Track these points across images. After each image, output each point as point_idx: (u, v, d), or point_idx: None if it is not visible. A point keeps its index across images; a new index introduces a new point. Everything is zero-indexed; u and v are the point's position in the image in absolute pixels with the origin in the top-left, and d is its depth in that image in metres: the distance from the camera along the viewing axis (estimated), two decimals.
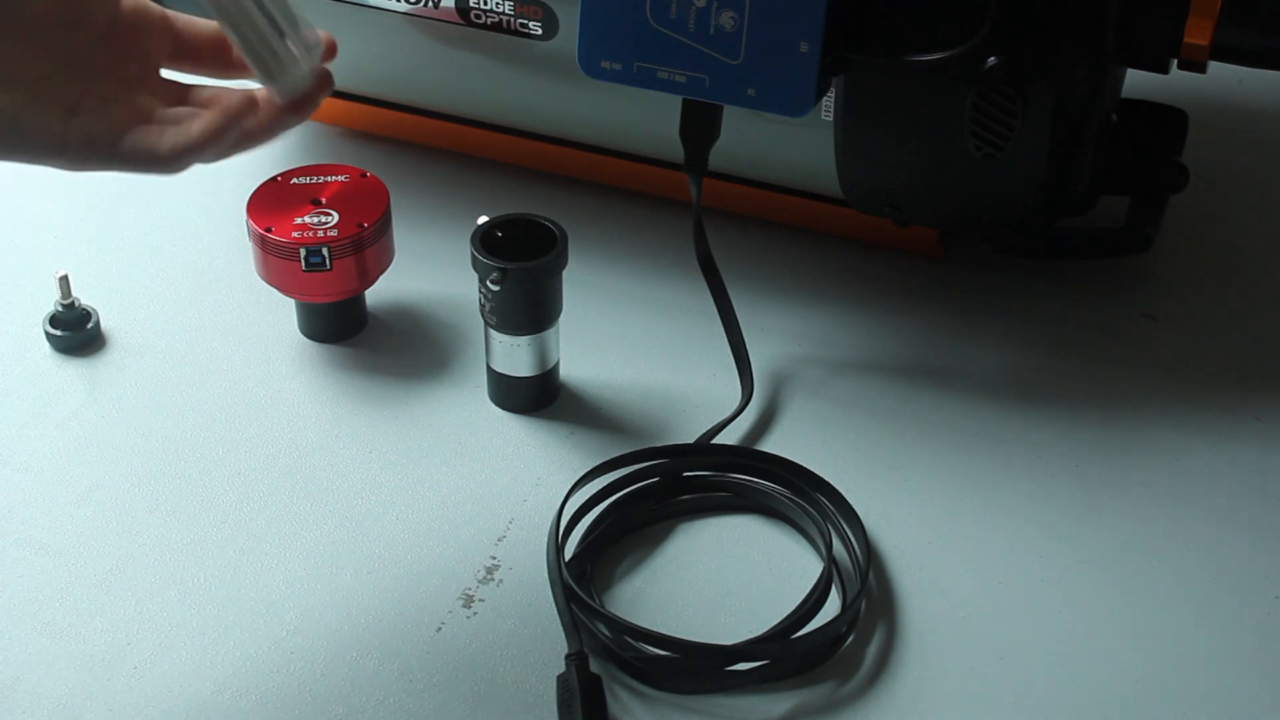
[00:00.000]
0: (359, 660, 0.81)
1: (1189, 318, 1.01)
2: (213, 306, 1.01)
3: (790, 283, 1.02)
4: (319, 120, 1.14)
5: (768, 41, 0.84)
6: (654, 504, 0.88)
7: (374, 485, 0.90)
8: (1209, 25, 0.89)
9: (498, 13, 0.97)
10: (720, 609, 0.83)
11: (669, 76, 0.87)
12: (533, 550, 0.85)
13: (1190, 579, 0.85)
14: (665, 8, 0.85)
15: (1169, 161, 1.00)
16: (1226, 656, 0.81)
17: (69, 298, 0.97)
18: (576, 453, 0.91)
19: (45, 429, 0.93)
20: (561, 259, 0.90)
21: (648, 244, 1.05)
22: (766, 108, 0.86)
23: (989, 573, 0.85)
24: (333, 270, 0.94)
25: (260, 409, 0.94)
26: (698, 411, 0.94)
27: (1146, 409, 0.94)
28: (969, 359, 0.98)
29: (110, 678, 0.80)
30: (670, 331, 0.99)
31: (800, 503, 0.87)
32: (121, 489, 0.89)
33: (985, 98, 0.86)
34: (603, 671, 0.80)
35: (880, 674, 0.80)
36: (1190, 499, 0.89)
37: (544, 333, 0.91)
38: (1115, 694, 0.80)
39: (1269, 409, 0.94)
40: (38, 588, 0.84)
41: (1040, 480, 0.90)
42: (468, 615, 0.83)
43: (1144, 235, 0.99)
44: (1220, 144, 1.13)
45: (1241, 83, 1.18)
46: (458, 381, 0.96)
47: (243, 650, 0.81)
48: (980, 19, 0.84)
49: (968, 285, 1.02)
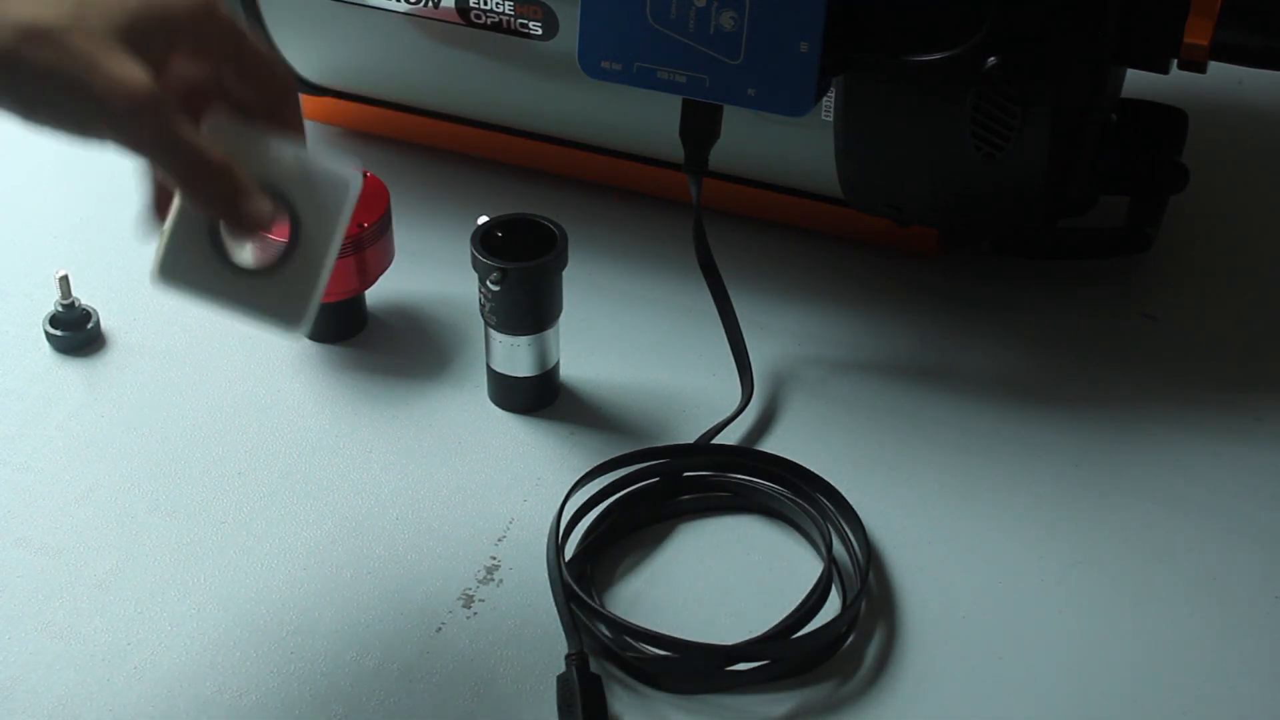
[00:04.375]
0: (359, 660, 0.81)
1: (1189, 318, 1.01)
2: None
3: (790, 283, 1.02)
4: (319, 120, 1.14)
5: (767, 41, 0.84)
6: (654, 504, 0.88)
7: (374, 485, 0.90)
8: (1209, 25, 0.89)
9: (498, 13, 0.97)
10: (720, 609, 0.83)
11: (669, 76, 0.87)
12: (533, 550, 0.85)
13: (1190, 579, 0.85)
14: (665, 8, 0.85)
15: (1169, 161, 1.00)
16: (1226, 656, 0.81)
17: (69, 298, 0.97)
18: (576, 453, 0.92)
19: (45, 429, 0.93)
20: (561, 259, 0.90)
21: (648, 244, 1.05)
22: (766, 108, 0.86)
23: (989, 573, 0.85)
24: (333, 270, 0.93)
25: (260, 409, 0.94)
26: (698, 411, 0.94)
27: (1146, 409, 0.94)
28: (969, 359, 0.98)
29: (110, 678, 0.80)
30: (670, 331, 0.99)
31: (800, 503, 0.87)
32: (121, 489, 0.89)
33: (985, 98, 0.86)
34: (603, 671, 0.80)
35: (880, 674, 0.80)
36: (1190, 499, 0.89)
37: (544, 333, 0.92)
38: (1115, 694, 0.80)
39: (1269, 409, 0.94)
40: (38, 588, 0.84)
41: (1040, 480, 0.90)
42: (468, 615, 0.83)
43: (1144, 235, 0.99)
44: (1220, 144, 1.13)
45: (1241, 83, 1.18)
46: (458, 381, 0.96)
47: (243, 650, 0.81)
48: (980, 19, 0.84)
49: (968, 285, 1.02)
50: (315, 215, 0.72)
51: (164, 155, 0.67)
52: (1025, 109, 0.86)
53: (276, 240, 0.72)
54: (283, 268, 0.72)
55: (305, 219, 0.72)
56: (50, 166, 1.14)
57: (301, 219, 0.72)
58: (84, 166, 1.14)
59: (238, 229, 0.69)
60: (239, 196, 0.68)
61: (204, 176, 0.68)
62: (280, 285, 0.72)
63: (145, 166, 0.71)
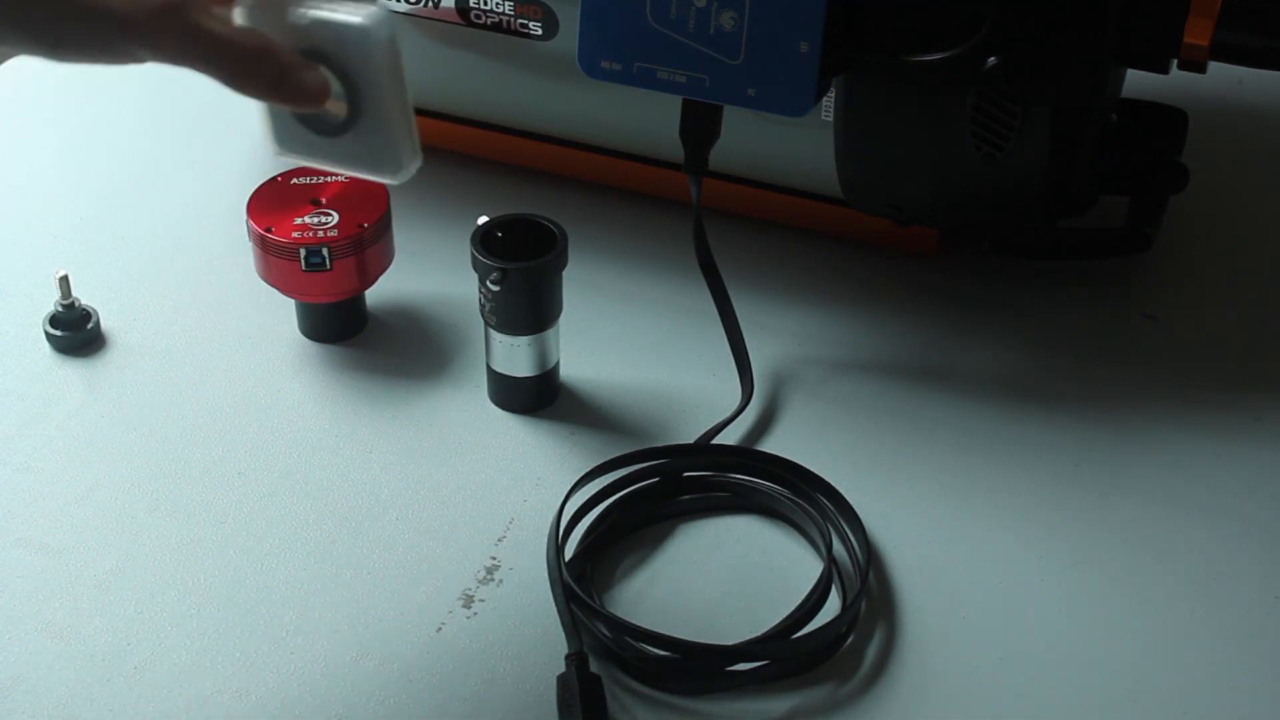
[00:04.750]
0: (359, 660, 0.81)
1: (1189, 318, 1.01)
2: (213, 306, 1.01)
3: (790, 283, 1.02)
4: None
5: (767, 41, 0.84)
6: (654, 504, 0.88)
7: (374, 485, 0.90)
8: (1209, 25, 0.89)
9: (498, 13, 0.97)
10: (720, 609, 0.83)
11: (669, 76, 0.87)
12: (533, 550, 0.85)
13: (1190, 579, 0.85)
14: (665, 8, 0.85)
15: (1169, 161, 1.00)
16: (1226, 656, 0.81)
17: (69, 298, 0.97)
18: (576, 453, 0.91)
19: (45, 429, 0.93)
20: (561, 259, 0.90)
21: (648, 244, 1.05)
22: (766, 108, 0.86)
23: (989, 573, 0.85)
24: (333, 270, 0.94)
25: (260, 409, 0.94)
26: (698, 411, 0.94)
27: (1146, 409, 0.94)
28: (969, 359, 0.98)
29: (110, 678, 0.80)
30: (670, 331, 0.99)
31: (800, 503, 0.87)
32: (121, 489, 0.89)
33: (985, 98, 0.86)
34: (603, 671, 0.80)
35: (880, 674, 0.80)
36: (1190, 499, 0.89)
37: (544, 333, 0.91)
38: (1115, 694, 0.80)
39: (1269, 409, 0.94)
40: (38, 588, 0.84)
41: (1040, 480, 0.90)
42: (468, 615, 0.83)
43: (1144, 235, 0.99)
44: (1220, 144, 1.13)
45: (1241, 83, 1.18)
46: (458, 381, 0.96)
47: (243, 650, 0.81)
48: (980, 19, 0.84)
49: (968, 285, 1.02)
50: (360, 66, 0.71)
51: (199, 57, 0.66)
52: (1025, 109, 0.86)
53: (341, 103, 0.72)
54: (358, 124, 0.72)
55: (353, 73, 0.71)
56: (50, 166, 1.14)
57: (351, 74, 0.71)
58: (84, 166, 1.14)
59: (295, 104, 0.70)
60: (287, 74, 0.68)
61: (246, 66, 0.67)
62: (365, 140, 0.72)
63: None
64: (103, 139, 1.17)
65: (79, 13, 0.65)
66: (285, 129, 0.73)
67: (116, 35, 0.65)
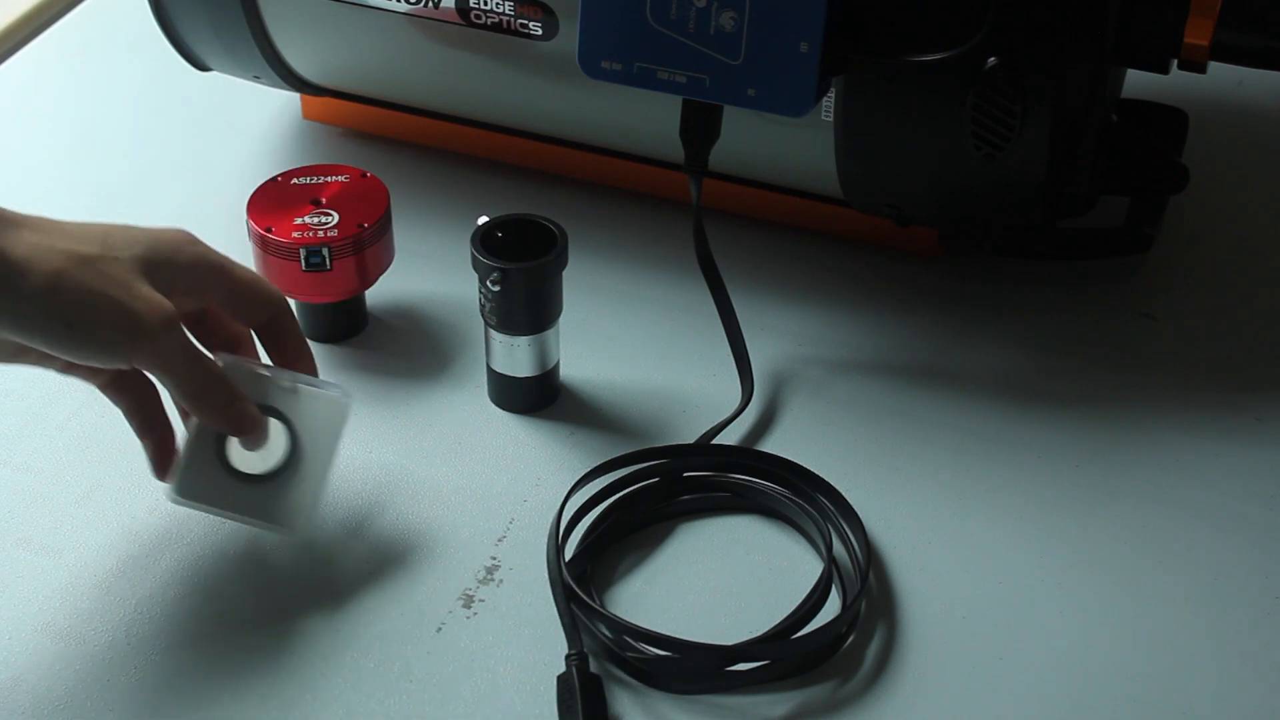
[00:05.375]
0: (359, 660, 0.81)
1: (1189, 318, 1.01)
2: None
3: (790, 283, 1.02)
4: (319, 120, 1.14)
5: (767, 42, 0.84)
6: (654, 504, 0.88)
7: (374, 485, 0.90)
8: (1209, 25, 0.89)
9: (498, 13, 0.97)
10: (720, 609, 0.83)
11: (669, 76, 0.87)
12: (533, 550, 0.85)
13: (1190, 579, 0.85)
14: (665, 8, 0.85)
15: (1169, 161, 1.00)
16: (1227, 656, 0.81)
17: None
18: (576, 453, 0.91)
19: (45, 429, 0.93)
20: (561, 259, 0.90)
21: (648, 244, 1.05)
22: (766, 108, 0.86)
23: (989, 573, 0.85)
24: (333, 270, 0.94)
25: None
26: (698, 411, 0.94)
27: (1146, 409, 0.94)
28: (969, 359, 0.98)
29: (110, 678, 0.80)
30: (670, 331, 0.99)
31: (800, 503, 0.87)
32: (121, 489, 0.89)
33: (985, 98, 0.86)
34: (603, 671, 0.80)
35: (880, 674, 0.80)
36: (1190, 499, 0.89)
37: (544, 333, 0.91)
38: (1115, 694, 0.80)
39: (1269, 409, 0.94)
40: (38, 588, 0.84)
41: (1040, 480, 0.90)
42: (468, 615, 0.83)
43: (1144, 235, 0.99)
44: (1220, 144, 1.13)
45: (1241, 83, 1.18)
46: (458, 381, 0.96)
47: (243, 650, 0.81)
48: (980, 19, 0.84)
49: (968, 285, 1.02)
50: (313, 433, 0.82)
51: (182, 367, 0.77)
52: (1025, 109, 0.86)
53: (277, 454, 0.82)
54: (285, 478, 0.82)
55: (304, 436, 0.82)
56: (50, 166, 1.14)
57: (300, 436, 0.82)
58: (84, 166, 1.14)
59: (233, 430, 0.81)
60: (233, 401, 0.80)
61: (209, 384, 0.79)
62: (283, 494, 0.82)
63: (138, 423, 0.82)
64: (103, 139, 1.17)
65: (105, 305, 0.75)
66: (194, 478, 0.82)
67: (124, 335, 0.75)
